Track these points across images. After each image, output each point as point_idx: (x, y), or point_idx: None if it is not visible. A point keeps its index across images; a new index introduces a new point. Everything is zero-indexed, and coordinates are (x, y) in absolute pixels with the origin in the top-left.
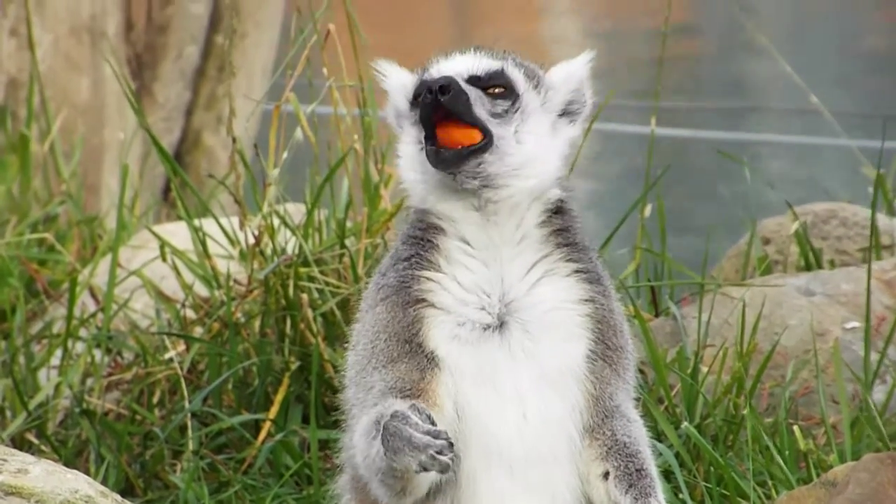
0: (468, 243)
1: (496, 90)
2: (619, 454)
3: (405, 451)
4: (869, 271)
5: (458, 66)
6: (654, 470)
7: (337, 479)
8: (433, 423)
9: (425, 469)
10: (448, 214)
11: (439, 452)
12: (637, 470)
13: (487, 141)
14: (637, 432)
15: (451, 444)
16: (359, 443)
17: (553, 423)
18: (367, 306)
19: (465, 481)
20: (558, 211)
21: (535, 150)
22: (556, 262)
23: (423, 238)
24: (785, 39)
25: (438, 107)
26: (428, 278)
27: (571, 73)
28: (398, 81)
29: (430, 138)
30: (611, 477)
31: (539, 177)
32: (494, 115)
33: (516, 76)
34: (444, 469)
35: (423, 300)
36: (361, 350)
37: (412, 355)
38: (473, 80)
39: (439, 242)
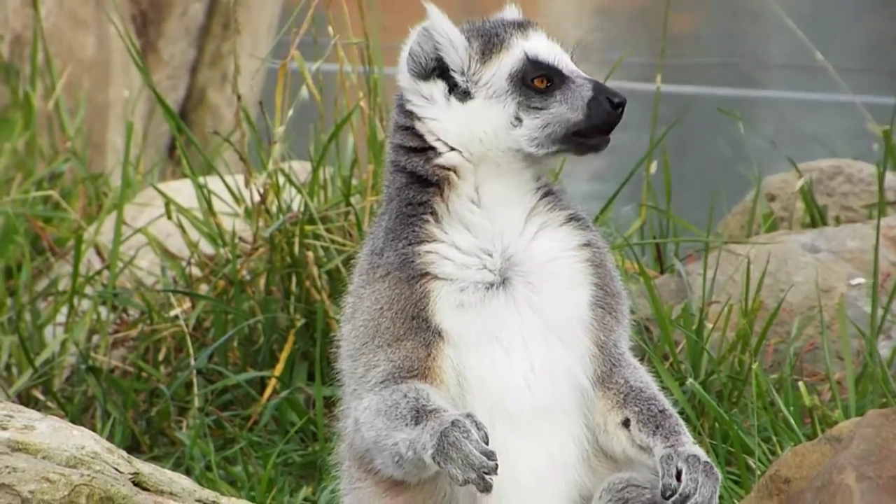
0: (476, 202)
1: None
2: (637, 399)
3: (458, 464)
4: (878, 227)
5: (566, 57)
6: (674, 410)
7: (336, 445)
8: (487, 439)
9: (468, 483)
10: (486, 172)
11: (487, 473)
12: (660, 411)
13: None
14: (647, 377)
15: (497, 467)
16: (370, 420)
17: (561, 373)
18: (363, 282)
19: None
20: None
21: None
22: (548, 210)
23: (418, 205)
24: None
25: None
26: (428, 251)
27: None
28: (454, 35)
29: (598, 136)
30: (633, 423)
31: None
32: None
33: None
34: (486, 490)
35: (427, 273)
36: (361, 326)
37: (418, 331)
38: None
39: (436, 206)
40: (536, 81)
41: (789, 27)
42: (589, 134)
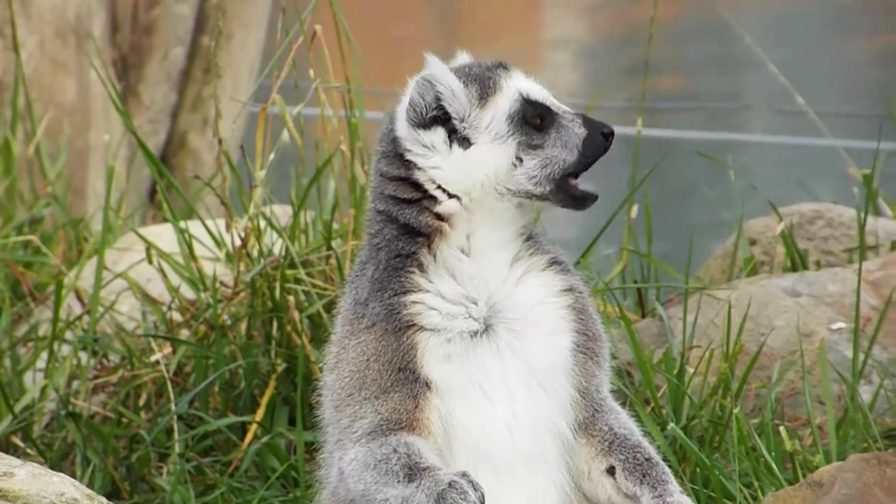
0: (465, 251)
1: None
2: (622, 447)
3: None
4: (859, 271)
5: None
6: (659, 457)
7: (318, 494)
8: (483, 499)
9: None
10: (480, 218)
11: None
12: (646, 459)
13: None
14: (630, 423)
15: None
16: (357, 472)
17: (542, 420)
18: (346, 332)
19: None
20: None
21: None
22: (530, 256)
23: (406, 257)
24: (770, 40)
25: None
26: (414, 301)
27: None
28: (455, 84)
29: (577, 174)
30: (618, 471)
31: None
32: None
33: None
34: None
35: (414, 324)
36: (347, 377)
37: (405, 383)
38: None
39: (423, 258)
40: (533, 120)
41: (771, 71)
42: (578, 174)
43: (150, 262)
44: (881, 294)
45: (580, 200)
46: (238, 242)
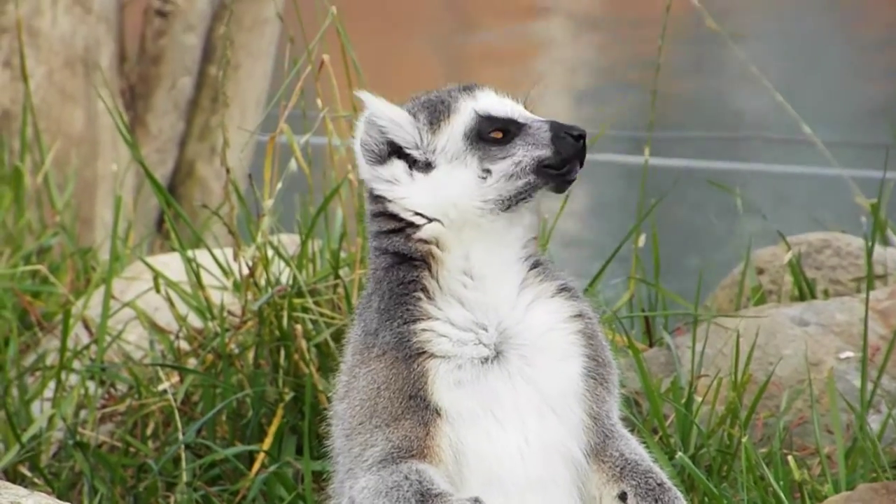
0: (468, 274)
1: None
2: (634, 473)
3: None
4: (867, 300)
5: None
6: (671, 483)
7: None
8: None
9: None
10: (470, 237)
11: None
12: (658, 485)
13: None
14: (640, 449)
15: None
16: (368, 500)
17: (555, 445)
18: (357, 361)
19: None
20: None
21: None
22: (539, 282)
23: (408, 283)
24: (777, 69)
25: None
26: (424, 329)
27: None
28: (396, 115)
29: (567, 174)
30: (630, 497)
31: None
32: None
33: None
34: None
35: (424, 352)
36: (358, 406)
37: (416, 410)
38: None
39: (427, 283)
40: (493, 134)
41: (778, 101)
42: (560, 167)
43: (158, 291)
44: (889, 323)
45: (566, 176)
46: (246, 271)
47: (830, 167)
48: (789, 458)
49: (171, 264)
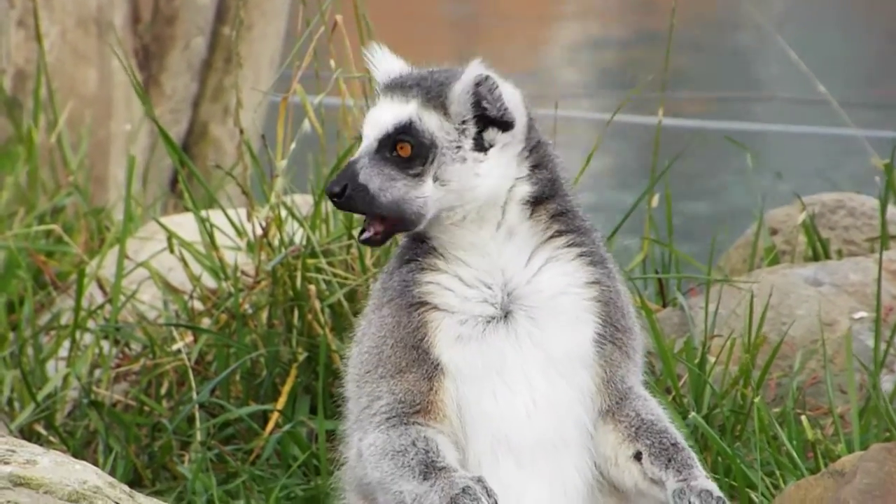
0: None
1: (405, 148)
2: (649, 432)
3: None
4: (880, 260)
5: (370, 127)
6: (686, 443)
7: (339, 471)
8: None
9: None
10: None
11: None
12: (672, 444)
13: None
14: (658, 409)
15: None
16: (375, 460)
17: (562, 408)
18: (374, 305)
19: (471, 472)
20: (549, 197)
21: (460, 184)
22: (558, 247)
23: (423, 238)
24: (791, 28)
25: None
26: (429, 281)
27: (461, 90)
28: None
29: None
30: (645, 456)
31: (478, 199)
32: (410, 176)
33: (427, 124)
34: None
35: (426, 303)
36: (367, 352)
37: (419, 363)
38: (384, 142)
39: (435, 243)
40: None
41: (793, 60)
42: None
43: (172, 251)
44: None
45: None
46: (259, 232)
47: (845, 127)
48: (802, 417)
49: (184, 224)
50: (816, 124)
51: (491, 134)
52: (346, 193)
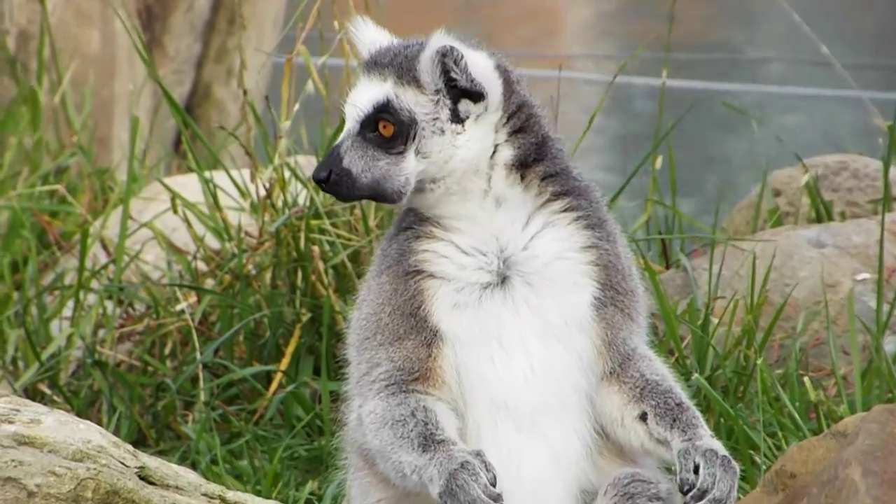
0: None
1: (388, 127)
2: (654, 393)
3: None
4: (882, 222)
5: (351, 109)
6: (691, 402)
7: (341, 432)
8: (495, 481)
9: None
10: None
11: None
12: (677, 405)
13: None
14: (663, 369)
15: None
16: (375, 427)
17: (560, 372)
18: (374, 272)
19: (470, 437)
20: (537, 160)
21: (440, 156)
22: (555, 212)
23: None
24: None
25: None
26: (425, 249)
27: (426, 60)
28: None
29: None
30: (650, 417)
31: (456, 171)
32: (393, 155)
33: (403, 101)
34: None
35: (422, 271)
36: (365, 318)
37: (417, 331)
38: (365, 123)
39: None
40: None
41: (796, 22)
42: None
43: (175, 211)
44: None
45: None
46: (263, 193)
47: (849, 89)
48: (805, 379)
49: (188, 185)
50: (820, 86)
51: (465, 105)
52: (331, 179)
